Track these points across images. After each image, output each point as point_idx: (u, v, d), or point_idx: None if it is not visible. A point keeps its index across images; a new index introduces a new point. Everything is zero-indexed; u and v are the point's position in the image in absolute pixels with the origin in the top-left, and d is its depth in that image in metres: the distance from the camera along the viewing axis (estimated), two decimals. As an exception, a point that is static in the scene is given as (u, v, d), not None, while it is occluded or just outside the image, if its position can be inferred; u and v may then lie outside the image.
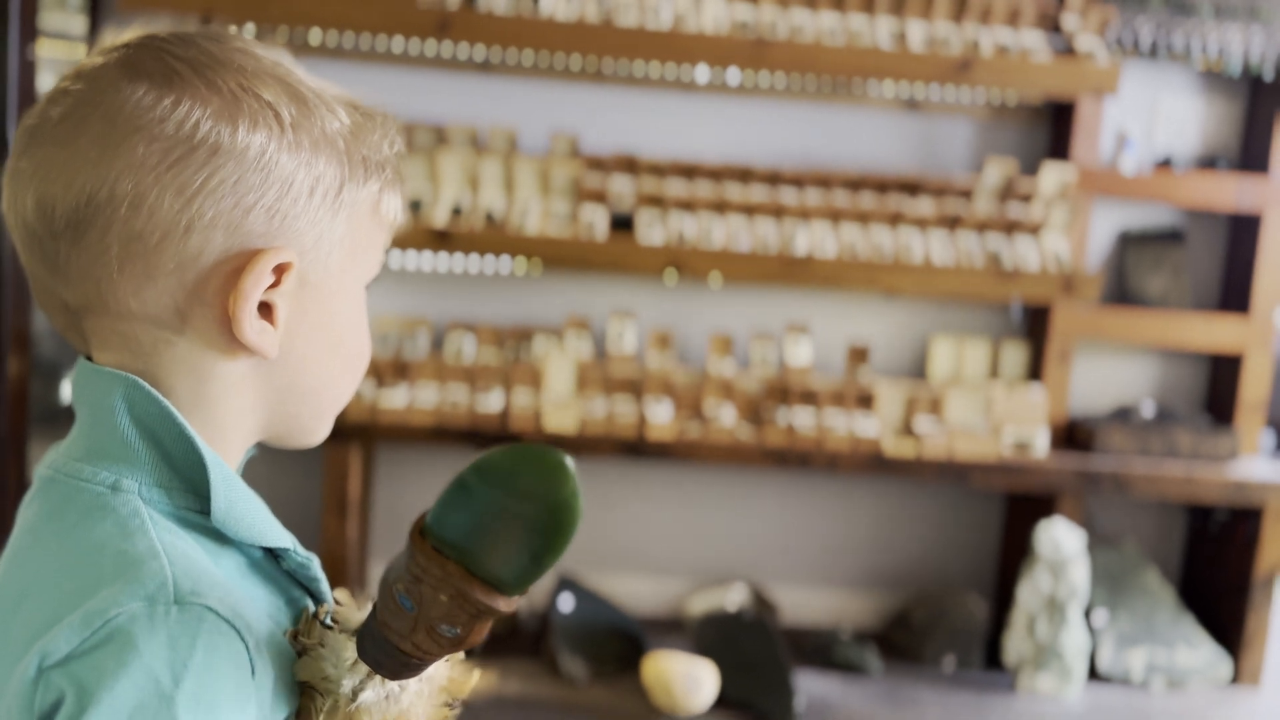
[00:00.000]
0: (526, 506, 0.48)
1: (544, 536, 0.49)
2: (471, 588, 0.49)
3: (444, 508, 0.50)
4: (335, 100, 0.60)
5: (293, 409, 0.61)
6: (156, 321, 0.55)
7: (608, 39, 2.36)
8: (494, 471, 0.49)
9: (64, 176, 0.54)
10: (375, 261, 0.64)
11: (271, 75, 0.57)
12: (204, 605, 0.51)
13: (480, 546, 0.49)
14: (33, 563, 0.54)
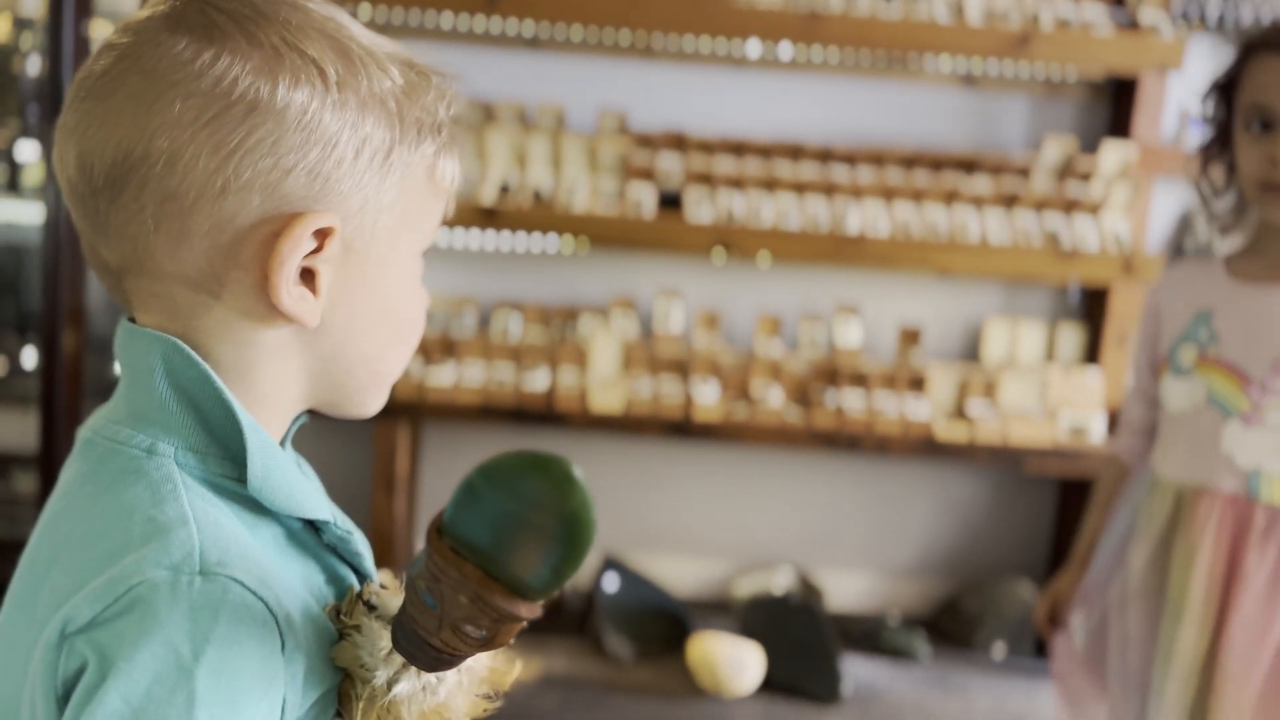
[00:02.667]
0: (536, 515, 0.46)
1: (558, 545, 0.47)
2: (490, 592, 0.47)
3: (456, 509, 0.48)
4: (389, 58, 0.57)
5: (339, 378, 0.59)
6: (193, 284, 0.54)
7: (658, 13, 2.33)
8: (501, 478, 0.47)
9: (102, 132, 0.52)
10: (431, 228, 0.61)
11: (319, 31, 0.55)
12: (229, 577, 0.49)
13: (496, 551, 0.47)
14: (65, 524, 0.54)
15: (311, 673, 0.53)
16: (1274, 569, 1.22)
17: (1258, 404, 1.24)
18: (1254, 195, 1.25)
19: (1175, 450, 1.31)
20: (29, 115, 2.47)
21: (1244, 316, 1.27)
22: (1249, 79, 1.24)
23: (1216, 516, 1.25)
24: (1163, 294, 1.37)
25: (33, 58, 2.45)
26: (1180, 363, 1.31)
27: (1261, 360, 1.24)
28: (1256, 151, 1.22)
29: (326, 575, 0.58)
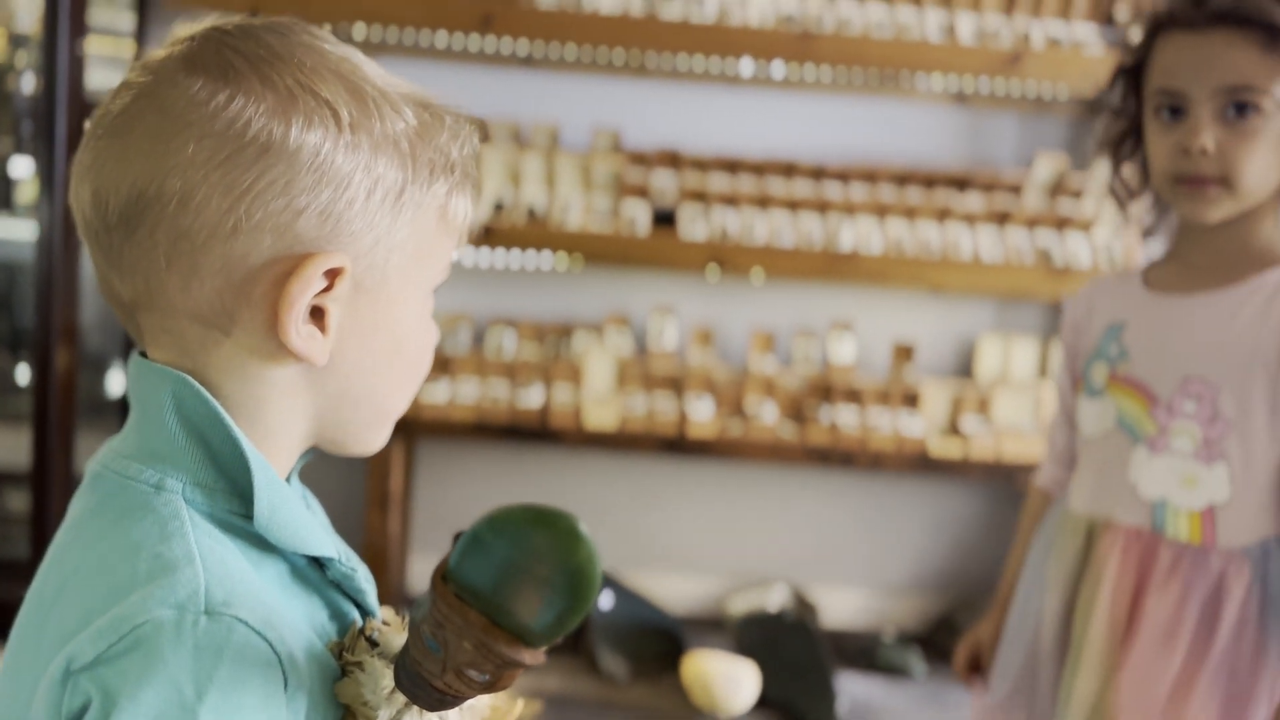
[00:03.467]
0: (541, 568, 0.47)
1: (562, 597, 0.48)
2: (494, 639, 0.48)
3: (462, 557, 0.49)
4: (404, 99, 0.58)
5: (346, 416, 0.59)
6: (204, 321, 0.54)
7: (651, 33, 2.34)
8: (507, 530, 0.48)
9: (118, 170, 0.53)
10: (442, 266, 0.61)
11: (334, 72, 0.55)
12: (234, 616, 0.49)
13: (501, 600, 0.48)
14: (73, 558, 0.54)
15: (314, 710, 0.53)
16: (1173, 612, 1.07)
17: (1164, 427, 1.09)
18: (1166, 191, 1.10)
19: (1086, 479, 1.17)
20: (23, 132, 2.47)
21: (1153, 330, 1.13)
22: (1156, 61, 1.09)
23: (1119, 553, 1.11)
24: (1081, 306, 1.23)
25: (27, 75, 2.45)
26: (1092, 382, 1.17)
27: (1169, 379, 1.09)
28: (1166, 142, 1.07)
29: (330, 611, 0.59)
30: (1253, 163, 1.03)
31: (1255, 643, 1.05)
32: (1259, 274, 1.07)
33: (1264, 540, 1.06)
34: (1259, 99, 1.02)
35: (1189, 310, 1.10)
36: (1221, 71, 1.03)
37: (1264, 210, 1.08)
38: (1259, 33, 1.02)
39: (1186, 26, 1.06)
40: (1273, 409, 1.04)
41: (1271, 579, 1.05)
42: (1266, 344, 1.04)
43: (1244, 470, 1.06)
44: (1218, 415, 1.06)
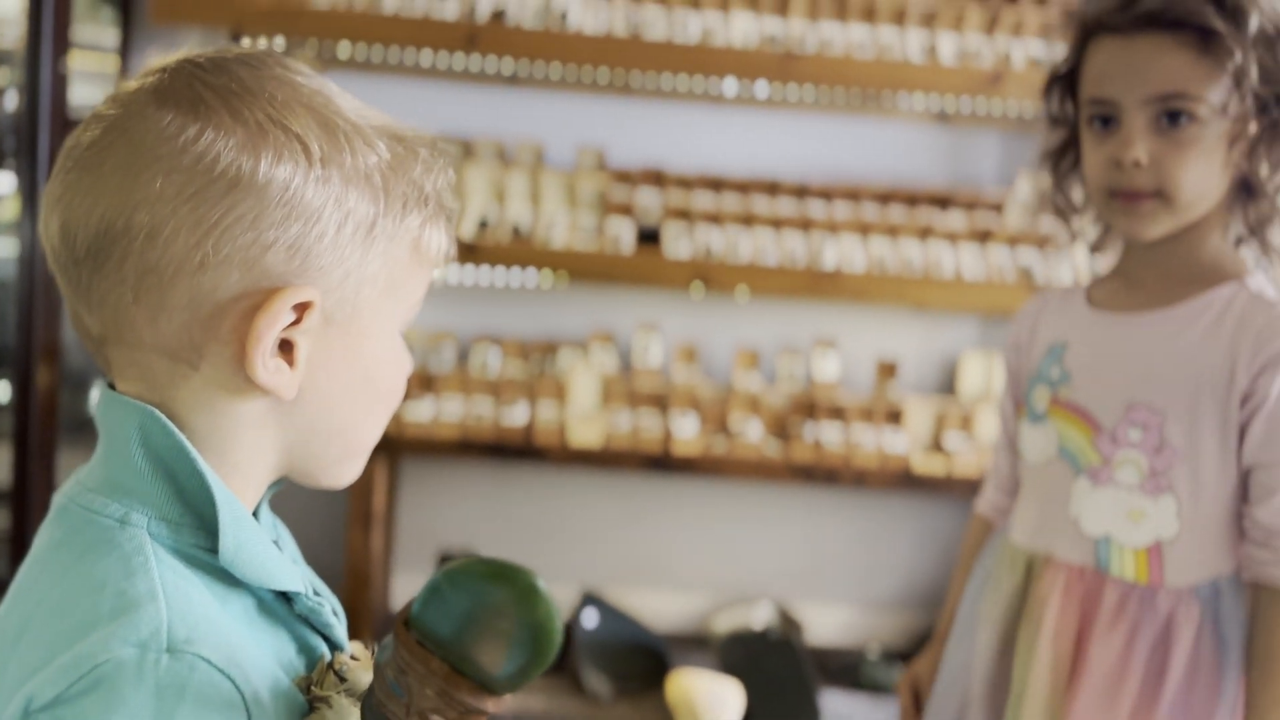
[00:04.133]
0: (503, 624, 0.48)
1: (525, 651, 0.48)
2: (457, 688, 0.48)
3: (424, 606, 0.49)
4: (377, 132, 0.57)
5: (315, 450, 0.59)
6: (172, 355, 0.54)
7: (635, 52, 2.35)
8: (465, 584, 0.48)
9: (86, 203, 0.53)
10: (416, 298, 0.61)
11: (306, 106, 0.55)
12: (197, 654, 0.49)
13: (463, 650, 0.48)
14: (36, 594, 0.53)
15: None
16: (1120, 656, 0.99)
17: (1108, 458, 1.01)
18: (1101, 204, 1.03)
19: (1028, 509, 1.09)
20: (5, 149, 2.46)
21: (1096, 352, 1.05)
22: (1087, 68, 1.02)
23: (1061, 592, 1.03)
24: (1024, 324, 1.15)
25: (10, 93, 2.45)
26: (1034, 406, 1.08)
27: (1113, 405, 1.01)
28: (1100, 154, 1.00)
29: (298, 645, 0.58)
30: (1189, 174, 0.96)
31: (1209, 688, 0.99)
32: (1205, 292, 1.00)
33: (1214, 579, 1.00)
34: (1193, 106, 0.95)
35: (1133, 330, 1.03)
36: (1153, 78, 0.96)
37: (1209, 223, 1.01)
38: (1192, 36, 0.95)
39: (1116, 31, 0.99)
40: (1223, 437, 0.97)
41: (1224, 620, 0.99)
42: (1215, 367, 0.97)
43: (1192, 504, 0.99)
44: (1164, 444, 0.98)
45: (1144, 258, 1.05)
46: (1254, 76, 0.95)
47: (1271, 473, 0.96)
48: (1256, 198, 1.00)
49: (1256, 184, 0.99)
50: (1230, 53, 0.94)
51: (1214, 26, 0.94)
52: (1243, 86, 0.95)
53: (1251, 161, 0.98)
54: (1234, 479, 0.98)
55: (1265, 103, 0.97)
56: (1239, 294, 0.99)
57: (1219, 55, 0.94)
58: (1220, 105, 0.95)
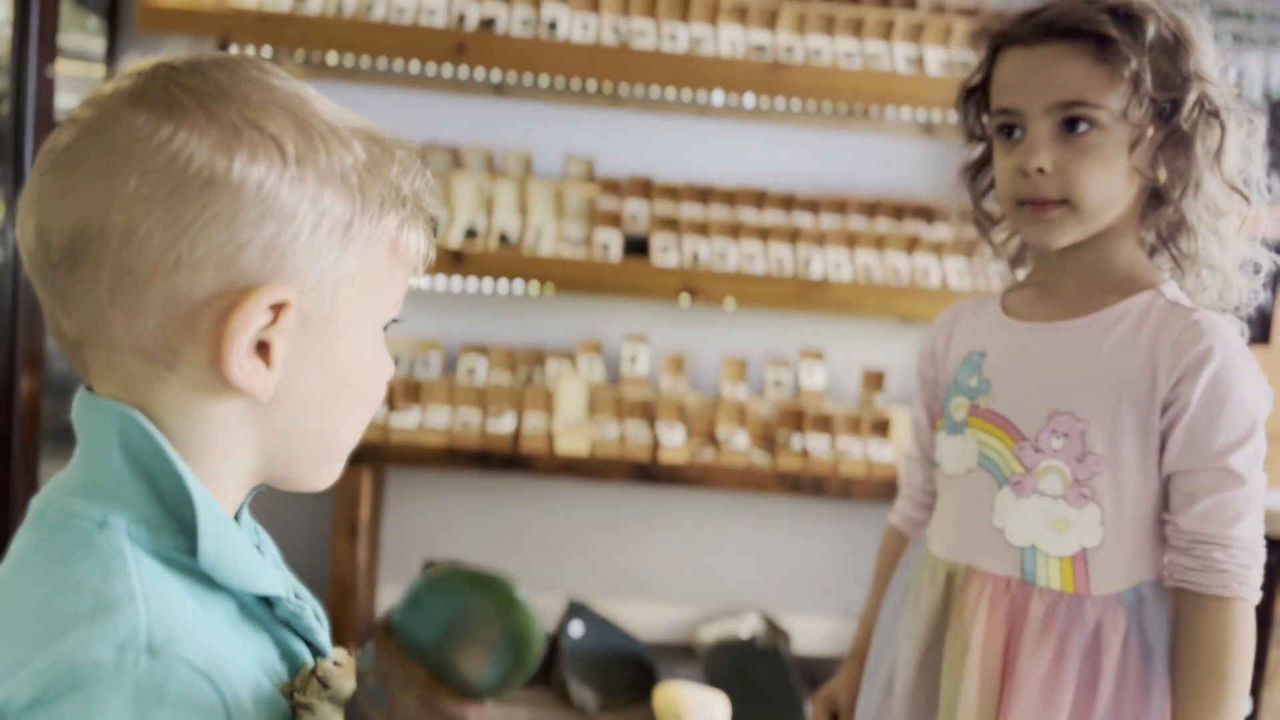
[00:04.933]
0: (483, 632, 0.48)
1: (506, 659, 0.48)
2: (438, 695, 0.48)
3: (404, 614, 0.49)
4: (353, 133, 0.57)
5: (295, 452, 0.58)
6: (149, 356, 0.54)
7: (624, 63, 2.36)
8: (447, 593, 0.48)
9: (61, 205, 0.53)
10: (394, 299, 0.61)
11: (281, 107, 0.55)
12: (176, 656, 0.48)
13: (443, 656, 0.48)
14: (12, 597, 0.53)
15: None
16: (1052, 667, 0.98)
17: (1031, 467, 1.00)
18: (1011, 214, 1.02)
19: (947, 521, 1.08)
20: (-10, 156, 2.45)
21: (1015, 361, 1.04)
22: (995, 79, 1.03)
23: (988, 604, 1.01)
24: (940, 334, 1.15)
25: (-5, 99, 2.44)
26: (951, 417, 1.07)
27: (1034, 414, 1.00)
28: (1007, 163, 1.00)
29: (280, 650, 0.58)
30: (1092, 180, 0.97)
31: (1137, 693, 0.99)
32: (1122, 300, 1.01)
33: (1138, 586, 1.00)
34: (1093, 113, 0.96)
35: (1051, 339, 1.02)
36: (1053, 87, 0.97)
37: (1120, 231, 1.02)
38: (1090, 44, 0.96)
39: (1020, 42, 1.00)
40: (1144, 445, 0.97)
41: (1148, 626, 1.00)
42: (1136, 375, 0.97)
43: (1116, 512, 0.99)
44: (1087, 453, 0.98)
45: (1058, 266, 1.05)
46: (1149, 83, 0.96)
47: (1193, 479, 0.97)
48: (1164, 205, 1.01)
49: (1163, 191, 1.00)
50: (1126, 59, 0.95)
51: (1110, 34, 0.95)
52: (1139, 92, 0.96)
53: (1153, 168, 0.99)
54: (1156, 486, 0.99)
55: (1162, 109, 0.98)
56: (1155, 301, 1.00)
57: (1116, 62, 0.96)
58: (1120, 111, 0.96)
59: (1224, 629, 0.96)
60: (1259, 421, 0.98)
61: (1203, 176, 0.99)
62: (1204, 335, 0.96)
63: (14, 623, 0.51)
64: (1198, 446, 0.96)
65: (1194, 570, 0.97)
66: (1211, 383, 0.95)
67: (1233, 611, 0.96)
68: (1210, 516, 0.96)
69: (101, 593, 0.50)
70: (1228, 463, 0.96)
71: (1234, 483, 0.96)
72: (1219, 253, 1.01)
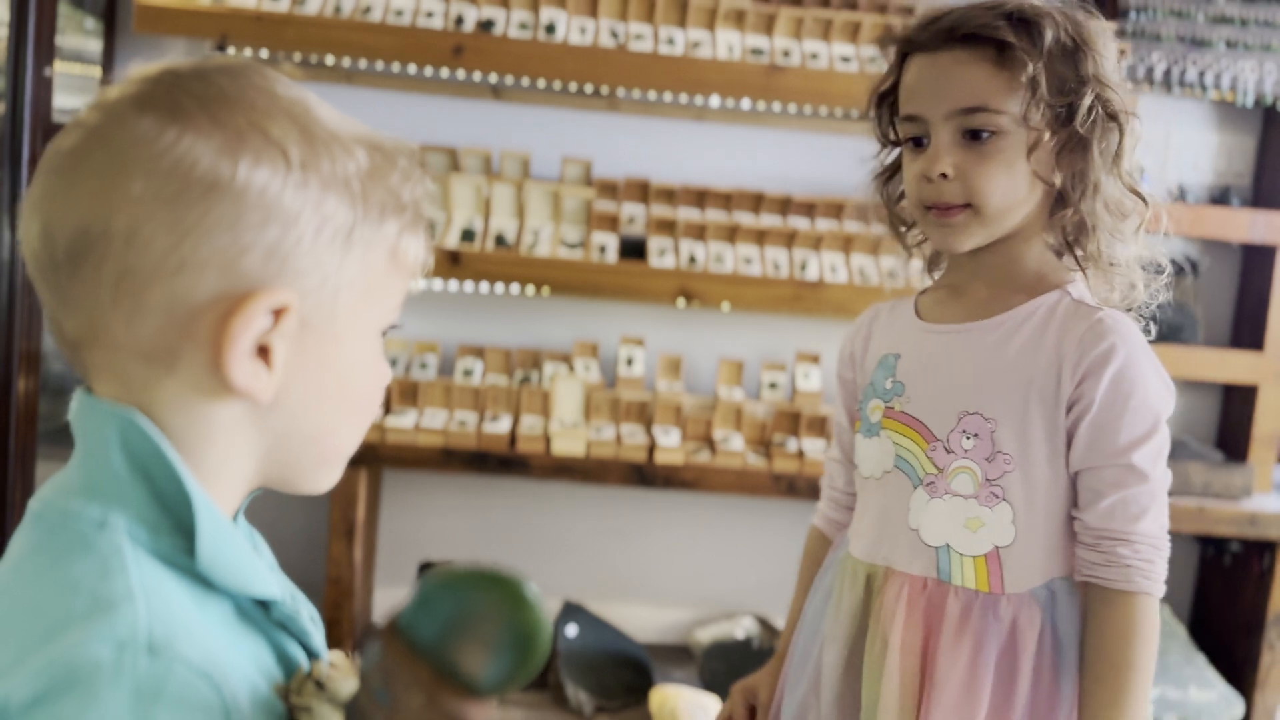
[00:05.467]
0: (490, 630, 0.48)
1: (511, 657, 0.48)
2: (442, 693, 0.48)
3: (412, 613, 0.49)
4: (355, 140, 0.58)
5: (292, 456, 0.59)
6: (149, 358, 0.54)
7: (621, 66, 2.37)
8: (456, 590, 0.48)
9: (65, 206, 0.53)
10: (393, 305, 0.61)
11: (285, 114, 0.56)
12: (175, 656, 0.49)
13: (449, 655, 0.48)
14: (10, 597, 0.53)
15: None
16: (970, 666, 0.99)
17: (943, 468, 1.01)
18: (919, 219, 1.04)
19: (867, 523, 1.09)
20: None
21: (927, 363, 1.05)
22: (902, 86, 1.05)
23: (906, 604, 1.02)
24: (858, 337, 1.15)
25: (-7, 99, 2.44)
26: (869, 419, 1.09)
27: (946, 415, 1.02)
28: (913, 169, 1.02)
29: (275, 653, 0.58)
30: (995, 184, 0.98)
31: (1050, 688, 1.00)
32: (1030, 300, 1.02)
33: (1050, 582, 1.01)
34: (994, 119, 0.98)
35: (960, 341, 1.04)
36: (954, 93, 0.99)
37: (1027, 234, 1.03)
38: (989, 50, 0.98)
39: (924, 49, 1.02)
40: (1052, 443, 0.99)
41: (1060, 621, 1.01)
42: (1042, 374, 0.99)
43: (1027, 510, 1.00)
44: (997, 452, 1.00)
45: (967, 269, 1.07)
46: (1045, 87, 0.97)
47: (1098, 476, 0.98)
48: (1067, 208, 1.02)
49: (1065, 194, 1.01)
50: (1024, 65, 0.97)
51: (1008, 40, 0.97)
52: (1037, 97, 0.97)
53: (1052, 171, 1.00)
54: (1065, 484, 1.00)
55: (1060, 113, 0.99)
56: (1062, 301, 1.01)
57: (1015, 68, 0.97)
58: (1020, 116, 0.98)
59: (1129, 623, 0.97)
60: (1161, 418, 0.99)
61: (1101, 179, 1.00)
62: (1107, 333, 0.97)
63: (13, 621, 0.51)
64: (1102, 444, 0.97)
65: (1100, 565, 0.98)
66: (1114, 380, 0.97)
67: (1137, 606, 0.97)
68: (1115, 513, 0.98)
69: (100, 592, 0.50)
70: (1131, 459, 0.97)
71: (1137, 479, 0.97)
72: (1120, 253, 1.03)
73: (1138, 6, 2.55)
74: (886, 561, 1.05)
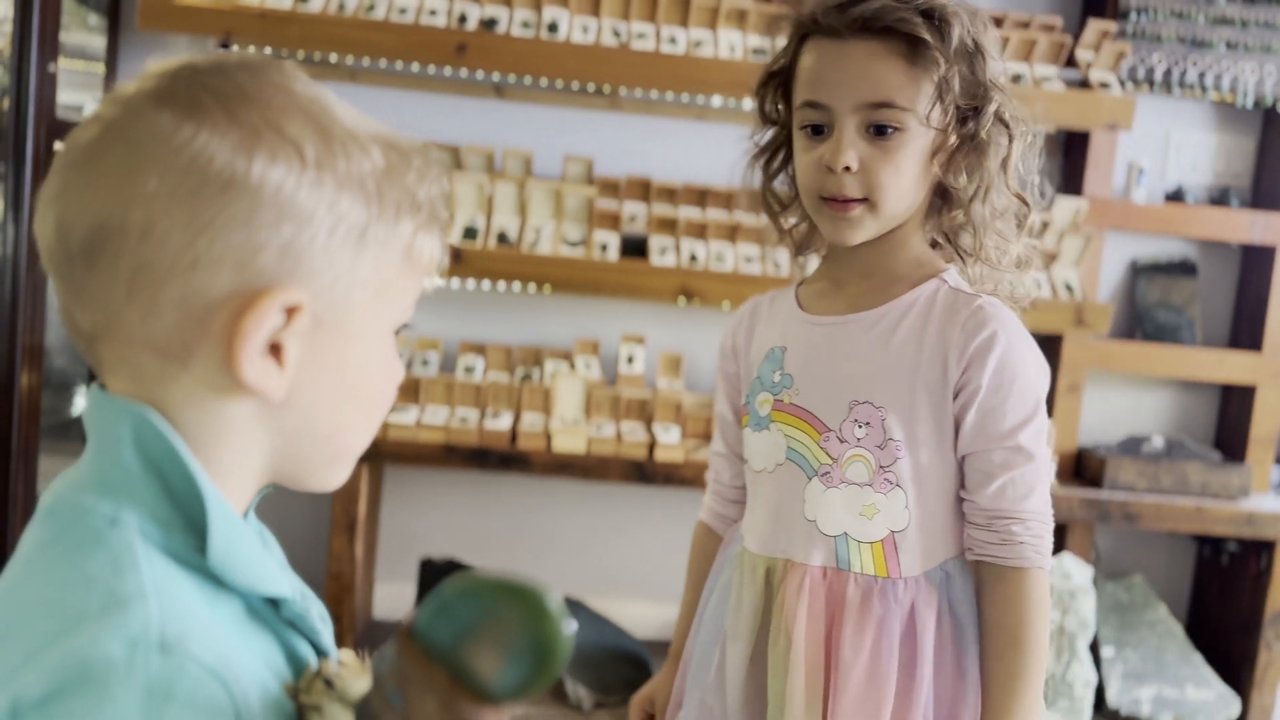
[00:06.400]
0: (510, 638, 0.48)
1: (530, 666, 0.48)
2: (457, 698, 0.48)
3: (430, 617, 0.49)
4: (372, 140, 0.58)
5: (304, 453, 0.59)
6: (162, 353, 0.54)
7: (623, 65, 2.37)
8: (478, 598, 0.48)
9: (81, 201, 0.53)
10: (407, 304, 0.61)
11: (302, 112, 0.56)
12: (187, 654, 0.49)
13: (466, 661, 0.48)
14: (22, 592, 0.53)
15: None
16: (873, 652, 1.00)
17: (837, 458, 1.02)
18: (812, 208, 1.03)
19: (761, 516, 1.08)
20: (-9, 152, 2.45)
21: (815, 354, 1.05)
22: (801, 70, 1.02)
23: (808, 595, 1.02)
24: (741, 329, 1.15)
25: (-3, 95, 2.44)
26: (757, 412, 1.08)
27: (836, 406, 1.02)
28: (812, 157, 1.00)
29: (285, 652, 0.58)
30: (894, 181, 0.99)
31: (953, 669, 1.02)
32: (909, 290, 1.03)
33: (945, 563, 1.03)
34: (901, 116, 0.97)
35: (846, 332, 1.04)
36: (864, 86, 0.97)
37: (909, 227, 1.04)
38: (902, 45, 0.97)
39: (831, 34, 0.99)
40: (940, 428, 1.01)
41: (957, 601, 1.02)
42: (928, 361, 1.00)
43: (919, 495, 1.02)
44: (888, 439, 1.01)
45: (849, 261, 1.07)
46: (956, 89, 0.98)
47: (986, 459, 1.00)
48: (952, 206, 1.03)
49: (954, 193, 1.02)
50: (936, 63, 0.97)
51: (923, 36, 0.96)
52: (945, 98, 0.98)
53: (949, 172, 1.01)
54: (953, 467, 1.02)
55: (965, 115, 1.00)
56: (940, 289, 1.03)
57: (926, 66, 0.97)
58: (925, 115, 0.98)
59: (1023, 598, 0.99)
60: (1042, 399, 1.01)
61: (994, 183, 1.02)
62: (988, 321, 0.99)
63: (24, 618, 0.51)
64: (989, 428, 1.00)
65: (993, 544, 1.01)
66: (998, 366, 0.99)
67: (1031, 580, 1.00)
68: (1005, 493, 1.00)
69: (112, 589, 0.50)
70: (1018, 441, 0.99)
71: (1024, 459, 1.00)
72: (998, 253, 1.05)
73: (1138, 7, 2.55)
74: (785, 554, 1.05)
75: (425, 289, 0.63)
